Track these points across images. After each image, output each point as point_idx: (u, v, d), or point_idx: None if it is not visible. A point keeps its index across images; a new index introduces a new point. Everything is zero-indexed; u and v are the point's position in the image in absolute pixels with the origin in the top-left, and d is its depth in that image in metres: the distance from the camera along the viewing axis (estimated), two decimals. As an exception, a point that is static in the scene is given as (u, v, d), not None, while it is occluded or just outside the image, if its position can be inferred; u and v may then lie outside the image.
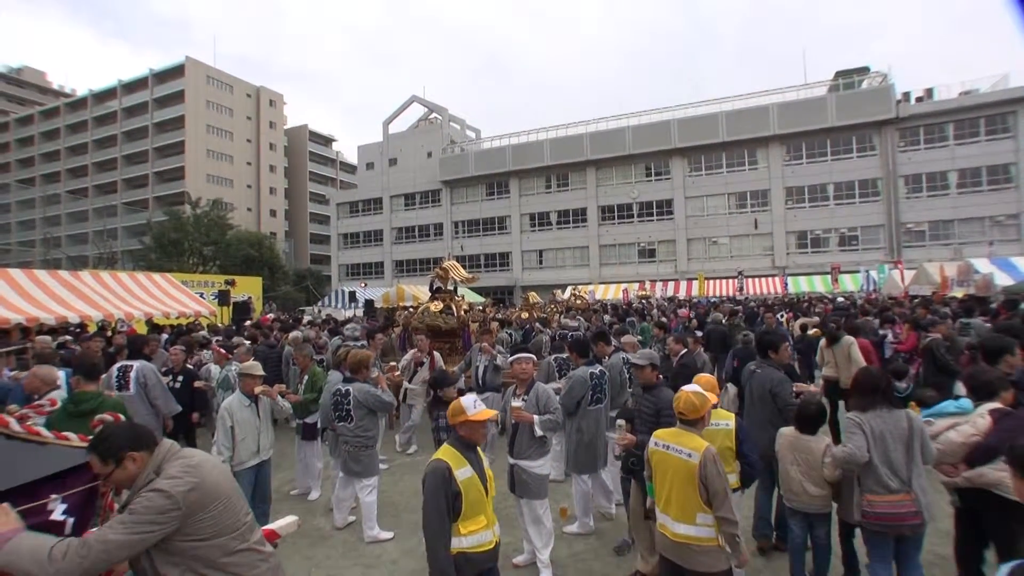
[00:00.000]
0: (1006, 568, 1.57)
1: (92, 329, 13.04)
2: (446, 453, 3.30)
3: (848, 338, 8.18)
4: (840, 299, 23.68)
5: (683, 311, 15.93)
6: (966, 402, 4.07)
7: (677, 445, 3.42)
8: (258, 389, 5.62)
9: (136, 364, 6.73)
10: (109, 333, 12.26)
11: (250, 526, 2.60)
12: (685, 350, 7.56)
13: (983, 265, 17.55)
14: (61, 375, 6.31)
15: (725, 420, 4.29)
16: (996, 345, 4.97)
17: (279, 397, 5.94)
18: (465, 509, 3.20)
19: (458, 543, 3.19)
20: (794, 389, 5.29)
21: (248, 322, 17.24)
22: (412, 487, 7.26)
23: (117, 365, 6.79)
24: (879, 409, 3.79)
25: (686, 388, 3.57)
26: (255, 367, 5.69)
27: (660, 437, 3.58)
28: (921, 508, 3.63)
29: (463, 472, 3.23)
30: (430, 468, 3.24)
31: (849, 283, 31.21)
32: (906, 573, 3.81)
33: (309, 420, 7.05)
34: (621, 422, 4.48)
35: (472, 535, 3.23)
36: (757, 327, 11.49)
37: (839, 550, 4.46)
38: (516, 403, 4.97)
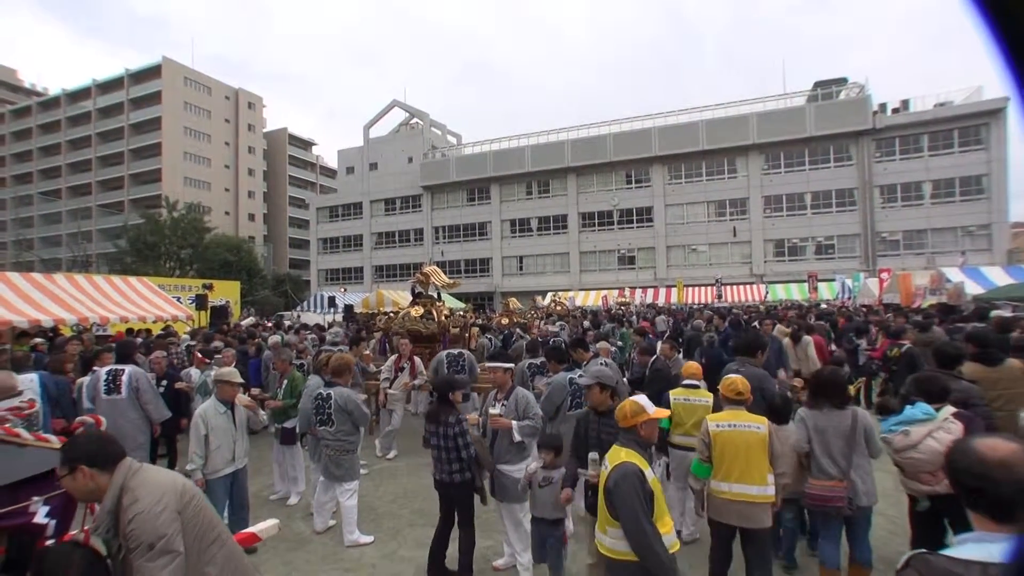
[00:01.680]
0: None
1: (67, 333, 12.86)
2: (630, 456, 3.14)
3: (807, 338, 9.39)
4: (823, 306, 24.08)
5: (644, 322, 16.13)
6: (927, 407, 4.23)
7: (743, 422, 4.14)
8: (243, 401, 5.61)
9: (128, 368, 6.67)
10: (86, 336, 12.11)
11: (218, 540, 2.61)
12: (655, 357, 7.57)
13: (955, 274, 17.97)
14: (33, 378, 6.26)
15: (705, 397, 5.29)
16: (950, 352, 5.46)
17: (259, 410, 5.95)
18: (657, 511, 3.08)
19: None
20: (783, 382, 5.77)
21: (226, 327, 17.11)
22: (392, 492, 7.30)
23: (106, 369, 6.70)
24: (824, 408, 4.35)
25: (731, 376, 4.43)
26: (232, 374, 5.55)
27: (720, 419, 4.23)
28: (856, 494, 4.14)
29: (651, 473, 3.14)
30: (620, 473, 3.06)
31: (825, 291, 31.73)
32: (856, 549, 4.32)
33: (288, 425, 7.05)
34: (594, 455, 3.88)
35: (666, 536, 3.09)
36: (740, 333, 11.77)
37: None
38: (494, 410, 5.02)
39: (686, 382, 5.50)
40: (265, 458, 8.60)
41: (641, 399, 3.43)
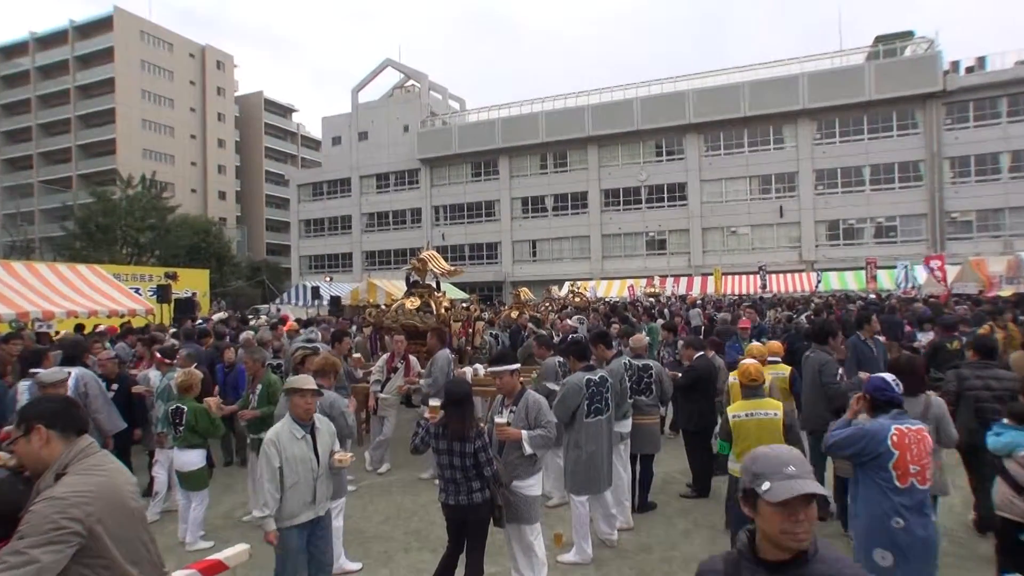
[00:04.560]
0: None
1: (3, 330, 12.82)
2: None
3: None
4: (871, 296, 23.91)
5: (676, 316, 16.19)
6: None
7: (760, 410, 5.14)
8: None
9: (76, 371, 6.64)
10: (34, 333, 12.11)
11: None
12: (699, 354, 7.68)
13: (1036, 260, 17.73)
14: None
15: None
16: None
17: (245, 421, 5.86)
18: None
19: None
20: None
21: (191, 322, 17.14)
22: (383, 511, 7.29)
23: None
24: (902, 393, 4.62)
25: (745, 362, 5.37)
26: (305, 380, 4.70)
27: (738, 410, 5.24)
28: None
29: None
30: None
31: (886, 280, 31.43)
32: None
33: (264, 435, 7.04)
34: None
35: None
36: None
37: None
38: (500, 418, 4.95)
39: (769, 358, 6.71)
40: (235, 474, 8.63)
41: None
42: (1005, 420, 4.65)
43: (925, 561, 3.72)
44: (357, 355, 10.28)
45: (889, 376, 4.06)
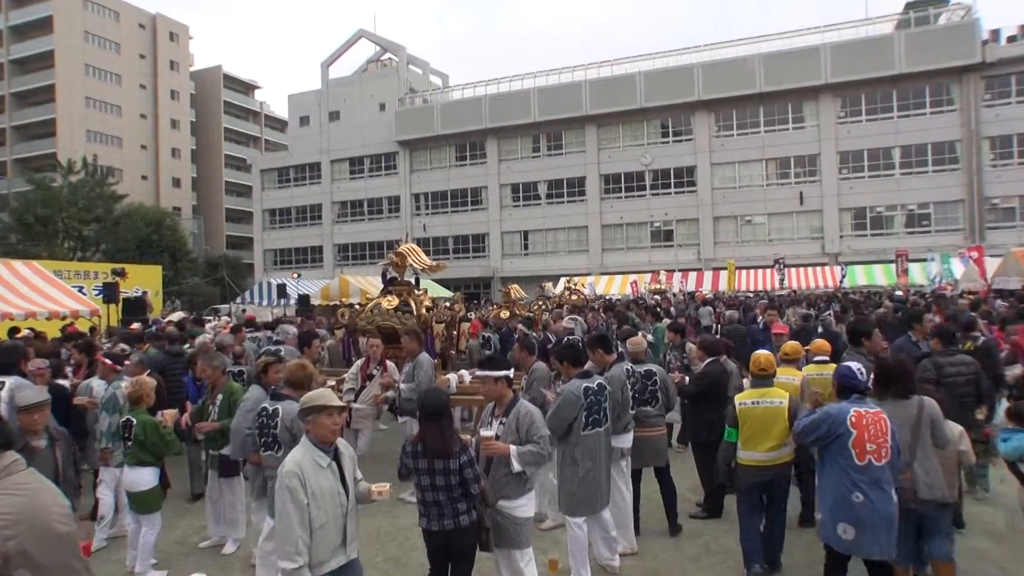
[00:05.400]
0: None
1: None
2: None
3: None
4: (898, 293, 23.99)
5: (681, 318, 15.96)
6: None
7: (767, 398, 5.82)
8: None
9: (9, 381, 6.59)
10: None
11: None
12: (712, 358, 7.68)
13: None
14: None
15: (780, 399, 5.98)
16: None
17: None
18: None
19: None
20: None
21: (142, 325, 17.05)
22: (360, 539, 7.26)
23: None
24: (889, 397, 5.12)
25: (757, 352, 6.17)
26: (329, 396, 4.18)
27: (745, 398, 5.94)
28: (919, 486, 4.94)
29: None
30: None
31: (918, 274, 31.59)
32: (932, 544, 5.14)
33: (227, 451, 7.01)
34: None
35: None
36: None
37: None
38: (487, 432, 4.92)
39: (817, 358, 7.35)
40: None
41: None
42: (1010, 424, 5.25)
43: (884, 532, 4.56)
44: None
45: (855, 365, 5.00)
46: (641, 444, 6.81)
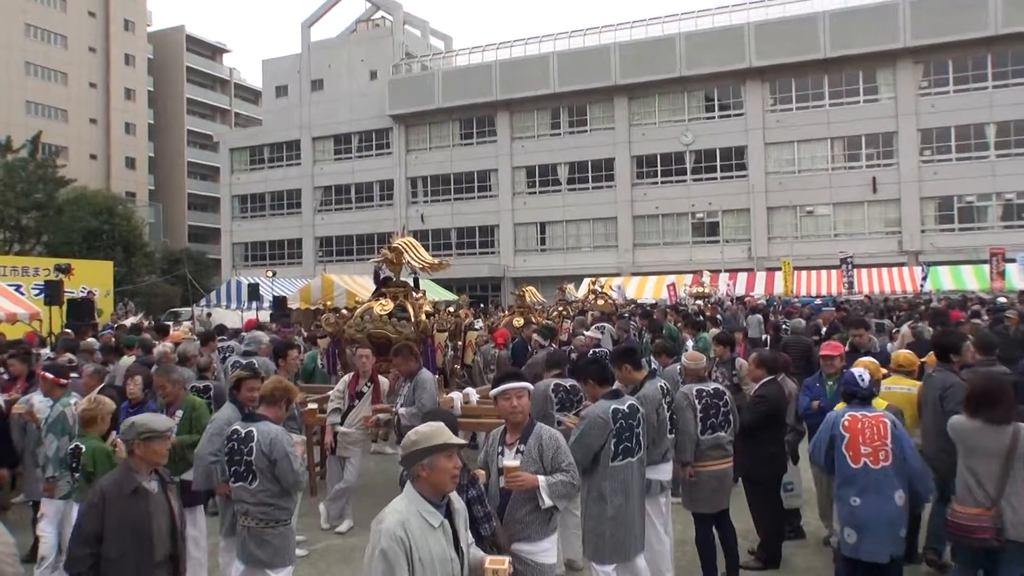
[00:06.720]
0: None
1: None
2: None
3: None
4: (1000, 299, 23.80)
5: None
6: None
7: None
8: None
9: None
10: None
11: None
12: (769, 378, 7.53)
13: None
14: None
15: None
16: None
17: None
18: None
19: None
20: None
21: (90, 330, 17.12)
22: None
23: None
24: (980, 421, 5.22)
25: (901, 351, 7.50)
26: (445, 433, 3.70)
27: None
28: (1004, 524, 5.00)
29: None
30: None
31: (1017, 277, 31.32)
32: None
33: (189, 477, 7.02)
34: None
35: None
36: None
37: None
38: (510, 461, 4.86)
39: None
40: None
41: None
42: None
43: (885, 535, 5.17)
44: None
45: (858, 372, 5.72)
46: (706, 478, 6.71)
